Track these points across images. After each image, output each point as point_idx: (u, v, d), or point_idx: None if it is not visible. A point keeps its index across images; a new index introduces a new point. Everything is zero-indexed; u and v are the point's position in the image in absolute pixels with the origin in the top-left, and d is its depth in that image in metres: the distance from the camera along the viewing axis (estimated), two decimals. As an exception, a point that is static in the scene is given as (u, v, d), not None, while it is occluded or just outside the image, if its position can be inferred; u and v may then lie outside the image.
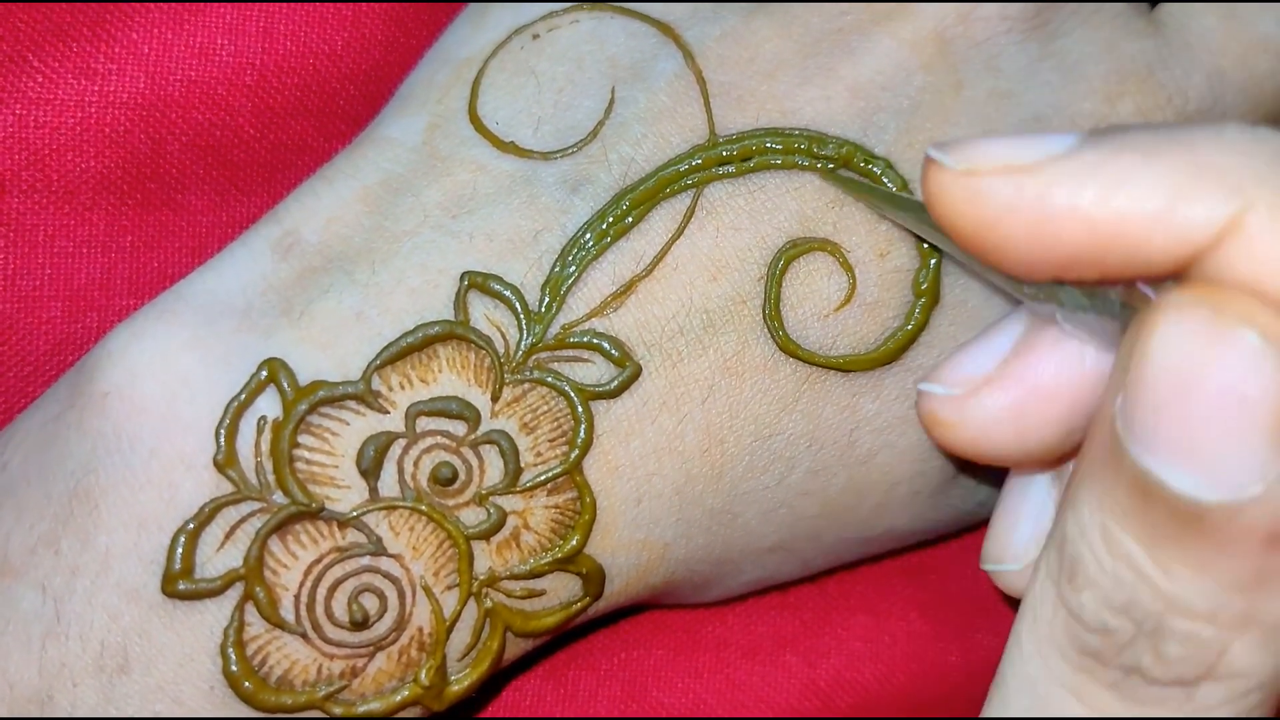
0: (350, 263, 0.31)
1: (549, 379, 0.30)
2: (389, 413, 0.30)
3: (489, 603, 0.30)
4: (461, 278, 0.30)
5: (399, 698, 0.30)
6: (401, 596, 0.30)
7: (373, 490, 0.29)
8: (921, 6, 0.32)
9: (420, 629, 0.30)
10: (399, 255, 0.31)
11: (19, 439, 0.30)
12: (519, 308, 0.30)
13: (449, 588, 0.30)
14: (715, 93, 0.32)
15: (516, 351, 0.30)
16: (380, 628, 0.30)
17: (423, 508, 0.30)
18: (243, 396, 0.29)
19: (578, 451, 0.30)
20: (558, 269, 0.31)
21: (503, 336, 0.30)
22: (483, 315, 0.30)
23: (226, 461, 0.29)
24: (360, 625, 0.29)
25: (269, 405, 0.29)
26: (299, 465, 0.29)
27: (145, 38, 0.33)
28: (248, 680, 0.29)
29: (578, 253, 0.31)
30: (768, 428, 0.32)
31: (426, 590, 0.30)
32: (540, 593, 0.31)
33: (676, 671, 0.37)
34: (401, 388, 0.30)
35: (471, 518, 0.30)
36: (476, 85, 0.32)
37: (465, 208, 0.31)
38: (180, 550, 0.28)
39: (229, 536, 0.29)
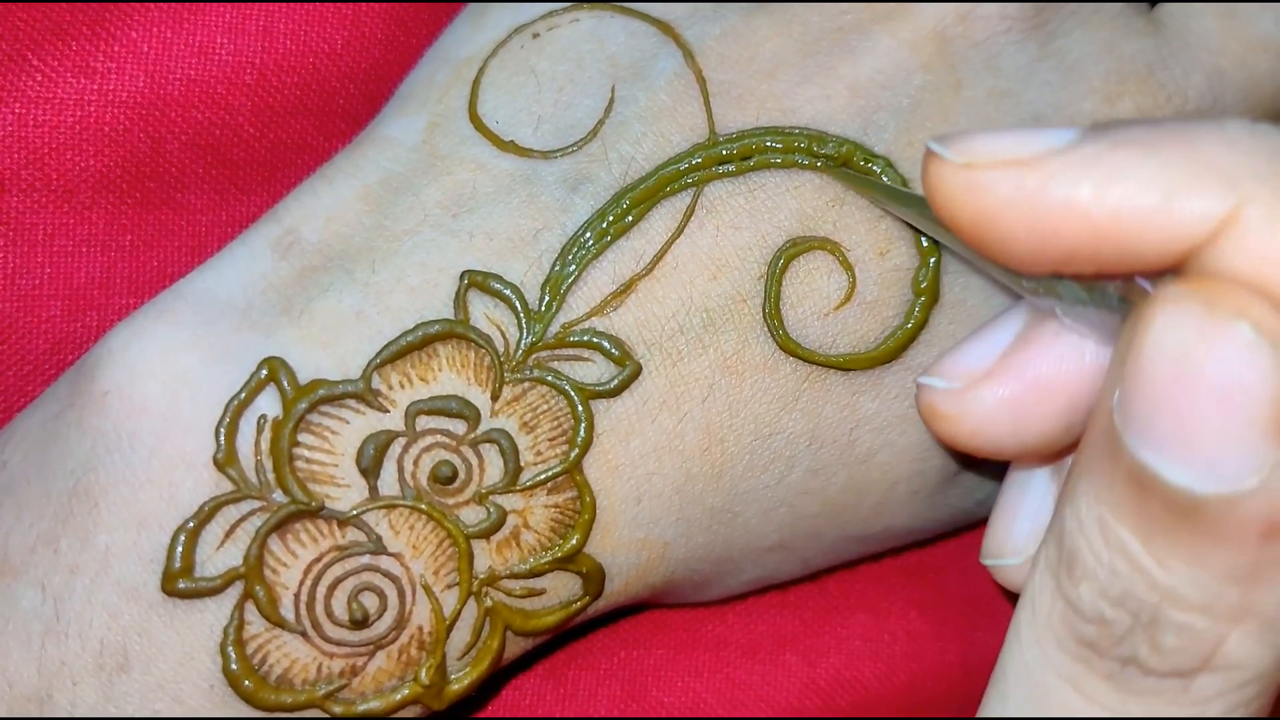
0: (350, 261, 0.31)
1: (549, 378, 0.30)
2: (389, 411, 0.30)
3: (489, 602, 0.30)
4: (461, 276, 0.30)
5: (399, 696, 0.30)
6: (401, 595, 0.30)
7: (372, 489, 0.29)
8: (921, 6, 0.32)
9: (420, 628, 0.30)
10: (399, 254, 0.31)
11: (19, 438, 0.30)
12: (519, 306, 0.30)
13: (449, 586, 0.30)
14: (715, 91, 0.32)
15: (516, 350, 0.30)
16: (380, 626, 0.30)
17: (423, 506, 0.30)
18: (243, 395, 0.29)
19: (577, 450, 0.30)
20: (558, 268, 0.31)
21: (503, 335, 0.30)
22: (483, 314, 0.30)
23: (226, 460, 0.29)
24: (360, 624, 0.29)
25: (269, 404, 0.29)
26: (299, 464, 0.29)
27: (145, 36, 0.33)
28: (247, 679, 0.29)
29: (578, 251, 0.31)
30: (768, 426, 0.32)
31: (426, 589, 0.30)
32: (540, 592, 0.31)
33: (676, 671, 0.37)
34: (401, 386, 0.30)
35: (471, 516, 0.30)
36: (476, 84, 0.32)
37: (465, 206, 0.31)
38: (180, 549, 0.28)
39: (229, 535, 0.29)
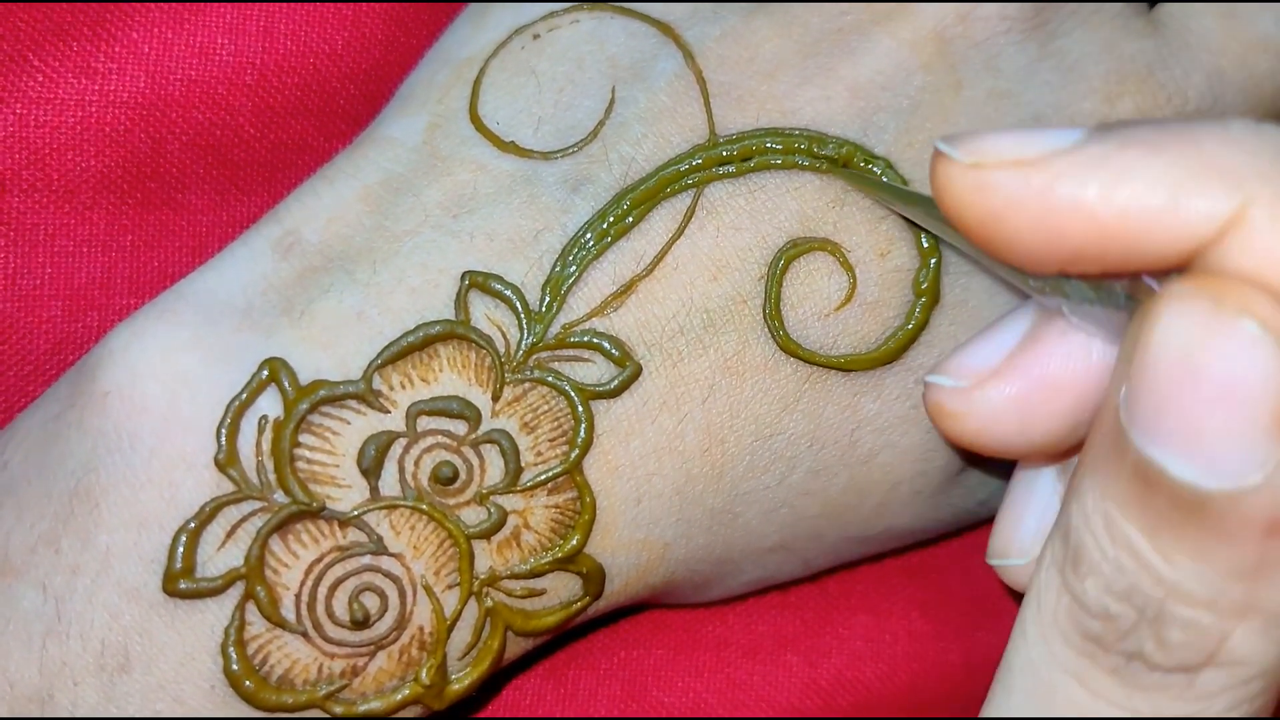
0: (351, 262, 0.30)
1: (549, 378, 0.30)
2: (390, 412, 0.30)
3: (489, 602, 0.30)
4: (462, 277, 0.30)
5: (400, 696, 0.30)
6: (402, 595, 0.30)
7: (373, 489, 0.29)
8: (921, 6, 0.32)
9: (421, 628, 0.30)
10: (400, 255, 0.31)
11: (20, 438, 0.30)
12: (519, 307, 0.30)
13: (450, 587, 0.30)
14: (715, 92, 0.32)
15: (517, 351, 0.30)
16: (381, 627, 0.30)
17: (423, 507, 0.30)
18: (244, 396, 0.29)
19: (578, 451, 0.30)
20: (558, 268, 0.31)
21: (503, 336, 0.30)
22: (483, 315, 0.30)
23: (227, 461, 0.29)
24: (361, 624, 0.29)
25: (270, 404, 0.29)
26: (300, 464, 0.29)
27: (145, 37, 0.33)
28: (248, 679, 0.29)
29: (578, 252, 0.31)
30: (769, 427, 0.32)
31: (427, 589, 0.30)
32: (540, 592, 0.31)
33: (676, 671, 0.37)
34: (402, 387, 0.30)
35: (472, 517, 0.30)
36: (477, 85, 0.32)
37: (466, 207, 0.31)
38: (181, 549, 0.28)
39: (230, 536, 0.29)
